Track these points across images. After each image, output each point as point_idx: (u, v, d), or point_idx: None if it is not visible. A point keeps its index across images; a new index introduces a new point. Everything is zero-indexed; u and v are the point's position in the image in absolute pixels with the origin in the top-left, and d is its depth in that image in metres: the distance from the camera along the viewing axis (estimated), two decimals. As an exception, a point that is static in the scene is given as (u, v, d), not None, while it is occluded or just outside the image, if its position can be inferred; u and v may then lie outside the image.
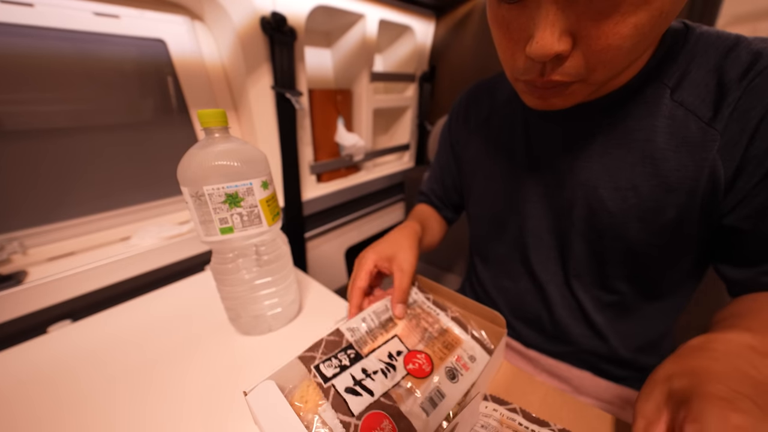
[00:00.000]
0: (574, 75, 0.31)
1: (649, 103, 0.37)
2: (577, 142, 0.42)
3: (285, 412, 0.31)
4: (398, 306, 0.43)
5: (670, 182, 0.36)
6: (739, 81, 0.32)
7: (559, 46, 0.28)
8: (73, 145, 0.69)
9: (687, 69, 0.35)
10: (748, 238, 0.35)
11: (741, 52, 0.33)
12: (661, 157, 0.36)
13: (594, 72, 0.31)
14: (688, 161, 0.35)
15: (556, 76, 0.31)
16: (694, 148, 0.35)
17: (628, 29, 0.27)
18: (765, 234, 0.34)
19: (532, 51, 0.29)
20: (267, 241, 0.48)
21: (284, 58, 0.81)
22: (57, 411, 0.41)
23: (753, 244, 0.35)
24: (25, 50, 0.61)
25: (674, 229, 0.38)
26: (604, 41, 0.28)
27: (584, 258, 0.45)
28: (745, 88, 0.32)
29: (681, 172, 0.35)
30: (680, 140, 0.35)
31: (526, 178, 0.48)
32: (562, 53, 0.29)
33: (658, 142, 0.36)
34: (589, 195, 0.41)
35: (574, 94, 0.34)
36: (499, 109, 0.53)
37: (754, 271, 0.36)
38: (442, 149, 0.66)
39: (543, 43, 0.28)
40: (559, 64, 0.30)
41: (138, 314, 0.59)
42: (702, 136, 0.34)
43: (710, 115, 0.34)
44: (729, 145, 0.33)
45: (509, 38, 0.32)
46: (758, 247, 0.35)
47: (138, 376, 0.45)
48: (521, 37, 0.31)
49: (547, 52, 0.28)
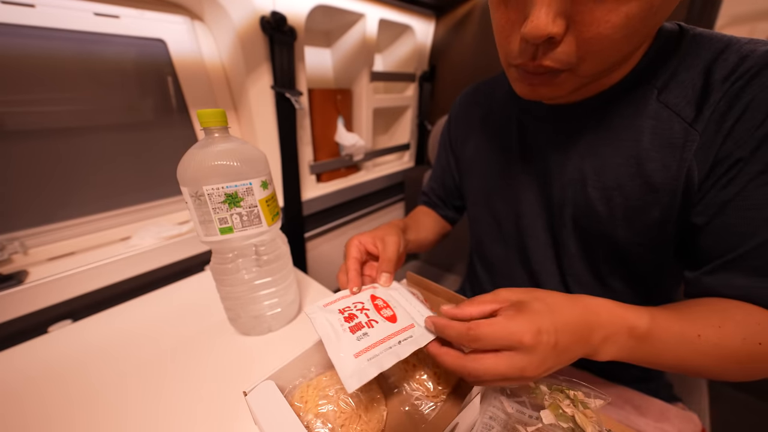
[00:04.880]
0: (565, 62, 0.32)
1: (637, 103, 0.37)
2: (567, 141, 0.43)
3: (285, 412, 0.31)
4: (383, 275, 0.43)
5: (655, 182, 0.36)
6: (723, 83, 0.32)
7: (553, 27, 0.29)
8: (73, 145, 0.69)
9: (676, 70, 0.36)
10: (700, 235, 0.36)
11: (730, 54, 0.33)
12: (645, 157, 0.37)
13: (583, 62, 0.32)
14: (671, 161, 0.35)
15: (547, 61, 0.32)
16: (676, 148, 0.35)
17: (620, 18, 0.28)
18: (715, 231, 0.34)
19: (527, 30, 0.30)
20: (267, 241, 0.48)
21: (284, 57, 0.81)
22: (57, 410, 0.41)
23: (703, 243, 0.36)
24: (26, 51, 0.61)
25: (659, 229, 0.38)
26: (595, 29, 0.29)
27: (578, 257, 0.46)
28: (726, 91, 0.32)
29: (664, 173, 0.36)
30: (664, 141, 0.36)
31: (521, 178, 0.49)
32: (555, 36, 0.29)
33: (643, 143, 0.37)
34: (578, 194, 0.42)
35: (562, 84, 0.35)
36: (496, 109, 0.53)
37: (699, 271, 0.37)
38: (441, 150, 0.67)
39: (537, 23, 0.29)
40: (551, 48, 0.31)
41: (138, 314, 0.59)
42: (684, 136, 0.34)
43: (693, 115, 0.34)
44: (705, 146, 0.33)
45: (507, 18, 0.33)
46: (707, 244, 0.35)
47: (138, 375, 0.45)
48: (518, 18, 0.32)
49: (541, 33, 0.29)
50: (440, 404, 0.37)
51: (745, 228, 0.32)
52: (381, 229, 0.50)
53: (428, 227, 0.66)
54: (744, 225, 0.32)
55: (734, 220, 0.33)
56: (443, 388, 0.38)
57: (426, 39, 1.24)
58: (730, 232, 0.33)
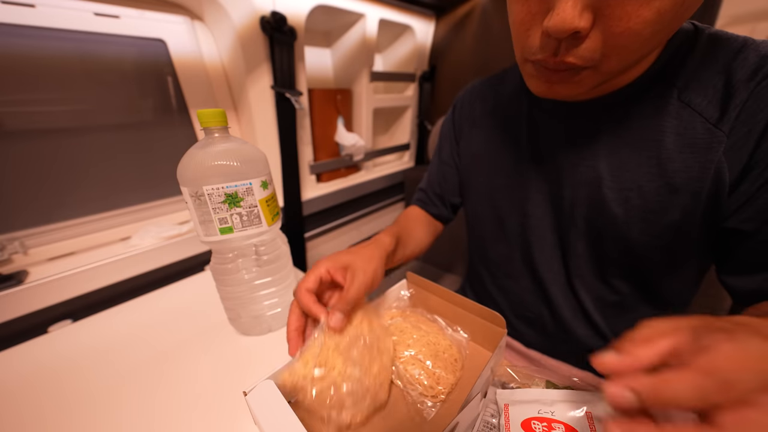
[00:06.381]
0: (588, 59, 0.30)
1: (656, 103, 0.37)
2: (582, 140, 0.42)
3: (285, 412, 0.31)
4: (335, 315, 0.35)
5: (675, 183, 0.36)
6: (747, 83, 0.32)
7: (580, 21, 0.27)
8: (73, 145, 0.69)
9: (695, 69, 0.35)
10: (750, 242, 0.35)
11: (749, 53, 0.32)
12: (666, 157, 0.36)
13: (608, 59, 0.30)
14: (693, 162, 0.35)
15: (570, 57, 0.30)
16: (699, 149, 0.34)
17: (651, 14, 0.26)
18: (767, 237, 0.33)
19: (551, 24, 0.28)
20: (266, 241, 0.48)
21: (284, 57, 0.81)
22: (57, 410, 0.41)
23: (755, 249, 0.35)
24: (26, 51, 0.61)
25: (676, 231, 0.38)
26: (625, 23, 0.27)
27: (586, 258, 0.45)
28: (752, 90, 0.31)
29: (686, 173, 0.35)
30: (686, 141, 0.35)
31: (529, 176, 0.48)
32: (581, 31, 0.28)
33: (665, 143, 0.36)
34: (593, 194, 0.41)
35: (582, 82, 0.33)
36: (503, 105, 0.52)
37: (760, 278, 0.35)
38: (443, 144, 0.64)
39: (564, 16, 0.27)
40: (575, 44, 0.29)
41: (138, 314, 0.59)
42: (708, 137, 0.34)
43: (717, 116, 0.33)
44: (735, 147, 0.33)
45: (527, 9, 0.31)
46: (761, 251, 0.34)
47: (138, 375, 0.45)
48: (540, 10, 0.30)
49: (567, 27, 0.27)
50: (440, 404, 0.37)
51: None
52: (361, 250, 0.43)
53: (419, 238, 0.61)
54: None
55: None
56: (443, 387, 0.38)
57: (426, 39, 1.24)
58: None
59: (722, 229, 0.37)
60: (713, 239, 0.38)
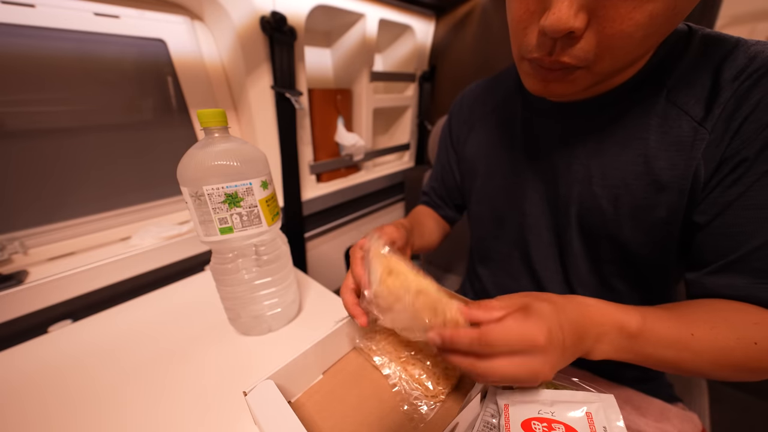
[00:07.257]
0: (582, 59, 0.31)
1: (645, 102, 0.37)
2: (575, 139, 0.42)
3: (285, 412, 0.31)
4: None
5: (662, 181, 0.36)
6: (732, 82, 0.32)
7: (575, 21, 0.28)
8: (73, 145, 0.69)
9: (685, 70, 0.36)
10: (701, 235, 0.36)
11: (739, 54, 0.33)
12: (653, 155, 0.36)
13: (601, 59, 0.31)
14: (679, 160, 0.35)
15: (564, 57, 0.31)
16: (685, 147, 0.35)
17: (644, 17, 0.27)
18: (717, 231, 0.34)
19: (548, 23, 0.29)
20: (266, 241, 0.48)
21: (284, 57, 0.81)
22: (57, 411, 0.41)
23: (704, 243, 0.36)
24: (26, 51, 0.61)
25: (664, 229, 0.38)
26: (618, 25, 0.28)
27: (582, 256, 0.45)
28: (735, 90, 0.32)
29: (671, 171, 0.36)
30: (672, 139, 0.35)
31: (526, 175, 0.48)
32: (576, 31, 0.29)
33: (651, 141, 0.37)
34: (584, 192, 0.42)
35: (576, 81, 0.34)
36: (499, 107, 0.53)
37: (701, 272, 0.36)
38: (442, 148, 0.66)
39: (560, 15, 0.28)
40: (570, 44, 0.30)
41: (138, 314, 0.59)
42: (693, 135, 0.34)
43: (702, 114, 0.34)
44: (712, 145, 0.33)
45: (525, 8, 0.32)
46: (708, 244, 0.35)
47: (138, 375, 0.45)
48: (537, 9, 0.31)
49: (563, 26, 0.28)
50: (439, 404, 0.37)
51: (747, 228, 0.32)
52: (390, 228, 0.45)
53: (432, 230, 0.64)
54: (746, 225, 0.32)
55: (736, 220, 0.33)
56: (443, 387, 0.38)
57: (426, 39, 1.24)
58: (732, 233, 0.33)
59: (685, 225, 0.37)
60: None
